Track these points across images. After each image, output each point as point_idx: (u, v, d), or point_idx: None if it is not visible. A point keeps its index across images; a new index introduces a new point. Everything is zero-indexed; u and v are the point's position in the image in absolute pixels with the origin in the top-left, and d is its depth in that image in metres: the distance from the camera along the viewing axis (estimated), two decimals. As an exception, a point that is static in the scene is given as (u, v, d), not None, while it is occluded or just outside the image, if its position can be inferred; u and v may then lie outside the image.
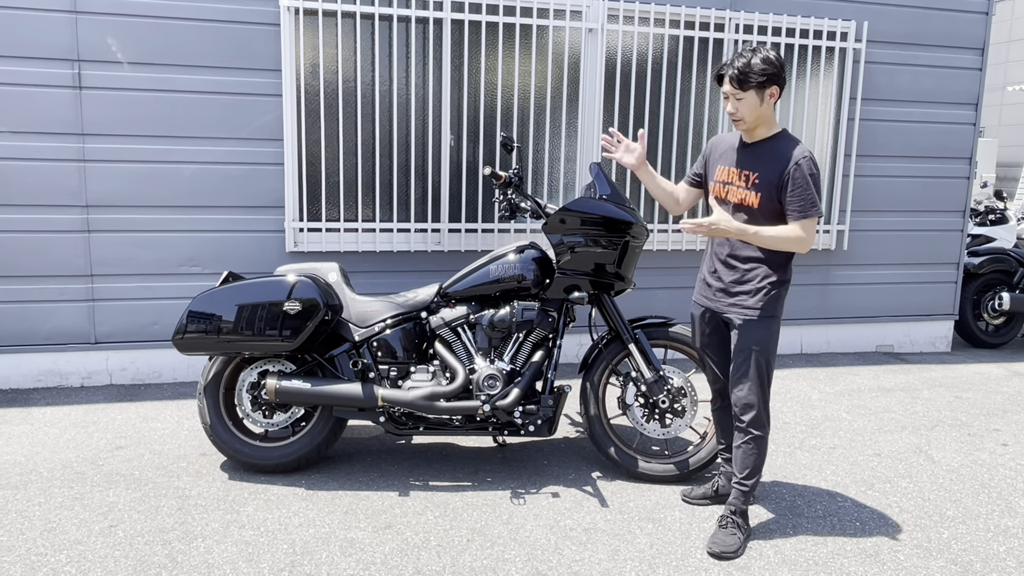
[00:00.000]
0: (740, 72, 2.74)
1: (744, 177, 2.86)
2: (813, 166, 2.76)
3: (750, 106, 2.78)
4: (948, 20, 5.66)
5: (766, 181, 2.80)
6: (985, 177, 12.30)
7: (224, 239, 4.68)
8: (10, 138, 4.33)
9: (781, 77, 2.78)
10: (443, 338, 3.44)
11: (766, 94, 2.77)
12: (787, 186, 2.76)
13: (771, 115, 2.84)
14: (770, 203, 2.81)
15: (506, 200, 3.51)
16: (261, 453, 3.41)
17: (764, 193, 2.80)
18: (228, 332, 3.24)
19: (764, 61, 2.73)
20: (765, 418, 2.90)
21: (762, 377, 2.87)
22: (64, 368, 4.60)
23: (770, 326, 2.87)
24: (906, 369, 5.51)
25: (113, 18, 4.36)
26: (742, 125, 2.84)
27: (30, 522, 2.96)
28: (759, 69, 2.72)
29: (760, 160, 2.83)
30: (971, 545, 2.99)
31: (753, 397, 2.87)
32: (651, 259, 5.31)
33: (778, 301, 2.88)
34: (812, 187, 2.74)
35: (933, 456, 3.88)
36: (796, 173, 2.74)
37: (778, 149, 2.81)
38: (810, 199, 2.74)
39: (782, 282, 2.88)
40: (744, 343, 2.87)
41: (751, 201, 2.84)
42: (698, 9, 5.17)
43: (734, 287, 2.91)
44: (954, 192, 5.91)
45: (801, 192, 2.74)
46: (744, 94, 2.76)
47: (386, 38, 4.77)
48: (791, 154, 2.77)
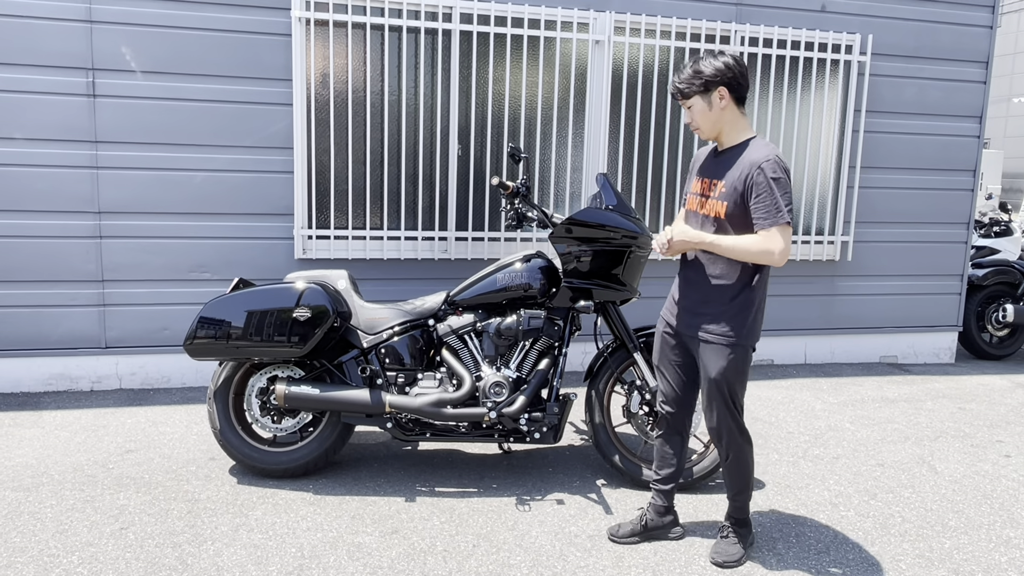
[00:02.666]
0: (676, 83, 2.73)
1: (712, 186, 2.73)
2: (779, 170, 2.58)
3: (700, 112, 2.70)
4: (953, 33, 5.70)
5: (731, 188, 2.65)
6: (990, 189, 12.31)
7: (234, 246, 4.73)
8: (25, 145, 4.39)
9: (727, 79, 2.64)
10: (450, 345, 3.48)
11: (713, 97, 2.66)
12: (751, 192, 2.60)
13: (735, 121, 2.71)
14: (735, 211, 2.65)
15: (513, 209, 3.56)
16: (270, 458, 3.45)
17: (729, 201, 2.66)
18: (238, 338, 3.28)
19: (698, 68, 2.66)
20: (741, 438, 2.80)
21: (727, 403, 2.74)
22: (75, 372, 4.65)
23: (736, 353, 2.69)
24: (910, 380, 5.53)
25: (127, 28, 4.43)
26: (701, 133, 2.75)
27: (42, 524, 3.00)
28: (691, 75, 2.67)
29: (725, 167, 2.70)
30: (973, 555, 3.01)
31: (724, 423, 2.77)
32: (656, 269, 5.35)
33: (744, 326, 2.68)
34: (776, 192, 2.56)
35: (936, 467, 3.90)
36: (758, 177, 2.57)
37: (743, 155, 2.67)
38: (773, 205, 2.56)
39: (749, 303, 2.68)
40: (709, 371, 2.73)
41: (718, 211, 2.70)
42: (704, 22, 5.22)
43: (698, 307, 2.76)
44: (958, 204, 5.94)
45: (764, 198, 2.57)
46: (689, 101, 2.71)
47: (395, 49, 4.83)
48: (754, 158, 2.62)
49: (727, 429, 2.78)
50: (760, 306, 2.73)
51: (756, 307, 2.71)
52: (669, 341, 2.92)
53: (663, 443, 3.01)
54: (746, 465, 2.85)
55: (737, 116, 2.71)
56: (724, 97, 2.67)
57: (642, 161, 5.32)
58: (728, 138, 2.75)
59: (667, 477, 3.01)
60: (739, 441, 2.81)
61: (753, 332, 2.73)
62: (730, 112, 2.70)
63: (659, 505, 3.02)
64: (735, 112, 2.71)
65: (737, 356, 2.70)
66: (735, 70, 2.66)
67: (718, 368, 2.71)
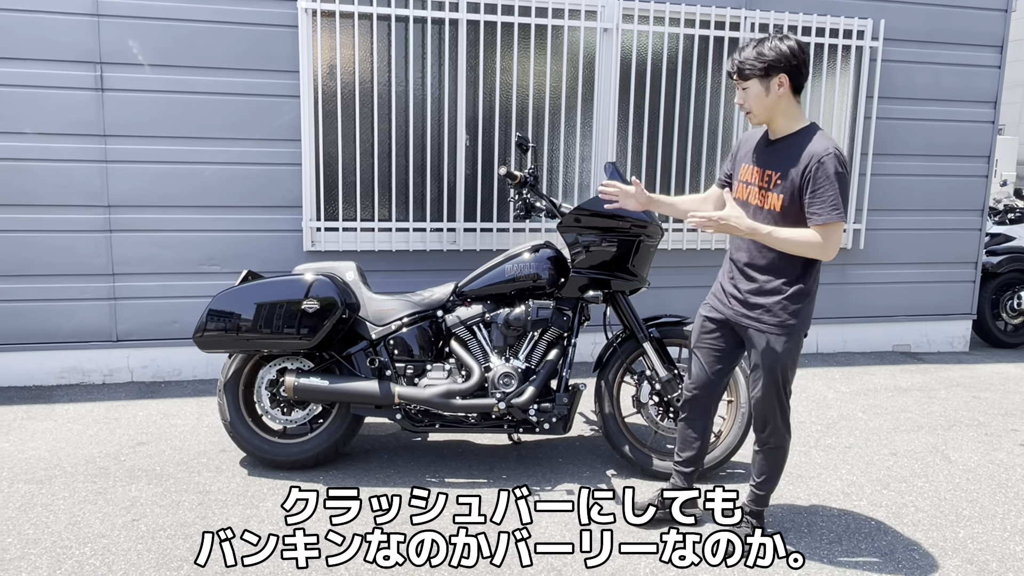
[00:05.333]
0: (738, 63, 2.63)
1: (766, 177, 2.65)
2: (839, 164, 2.51)
3: (755, 96, 2.62)
4: (967, 17, 5.62)
5: (789, 181, 2.58)
6: (1005, 175, 12.17)
7: (243, 238, 4.74)
8: (34, 139, 4.41)
9: (790, 66, 2.56)
10: (459, 336, 3.47)
11: (772, 83, 2.58)
12: (808, 186, 2.53)
13: (790, 108, 2.63)
14: (793, 206, 2.58)
15: (521, 200, 3.54)
16: (280, 449, 3.46)
17: (787, 195, 2.58)
18: (247, 330, 3.28)
19: (761, 51, 2.57)
20: (784, 430, 2.79)
21: (779, 391, 2.73)
22: (86, 365, 4.68)
23: (791, 342, 2.67)
24: (923, 369, 5.49)
25: (134, 21, 4.43)
26: (752, 118, 2.68)
27: (55, 516, 3.02)
28: (754, 57, 2.58)
29: (782, 158, 2.62)
30: (987, 544, 2.98)
31: (772, 411, 2.75)
32: (666, 258, 5.32)
33: (799, 315, 2.66)
34: (836, 188, 2.49)
35: (950, 456, 3.87)
36: (819, 172, 2.50)
37: (801, 145, 2.58)
38: (832, 202, 2.49)
39: (804, 294, 2.66)
40: (762, 359, 2.70)
41: (773, 204, 2.62)
42: (713, 8, 5.17)
43: (752, 298, 2.71)
44: (972, 191, 5.87)
45: (823, 193, 2.50)
46: (746, 83, 2.62)
47: (402, 39, 4.81)
48: (814, 150, 2.54)
49: (773, 416, 2.76)
50: (813, 296, 2.71)
51: (811, 297, 2.70)
52: (709, 327, 2.90)
53: (685, 426, 3.02)
54: (783, 455, 2.85)
55: (793, 104, 2.63)
56: (783, 84, 2.59)
57: (651, 150, 5.28)
58: (781, 126, 2.67)
59: (688, 460, 3.03)
60: (782, 430, 2.80)
61: (807, 320, 2.71)
62: (786, 100, 2.62)
63: (680, 487, 3.04)
64: (791, 100, 2.62)
65: (792, 344, 2.68)
66: (799, 57, 2.58)
67: (773, 356, 2.68)
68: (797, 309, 2.65)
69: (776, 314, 2.66)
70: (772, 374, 2.70)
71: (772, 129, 2.70)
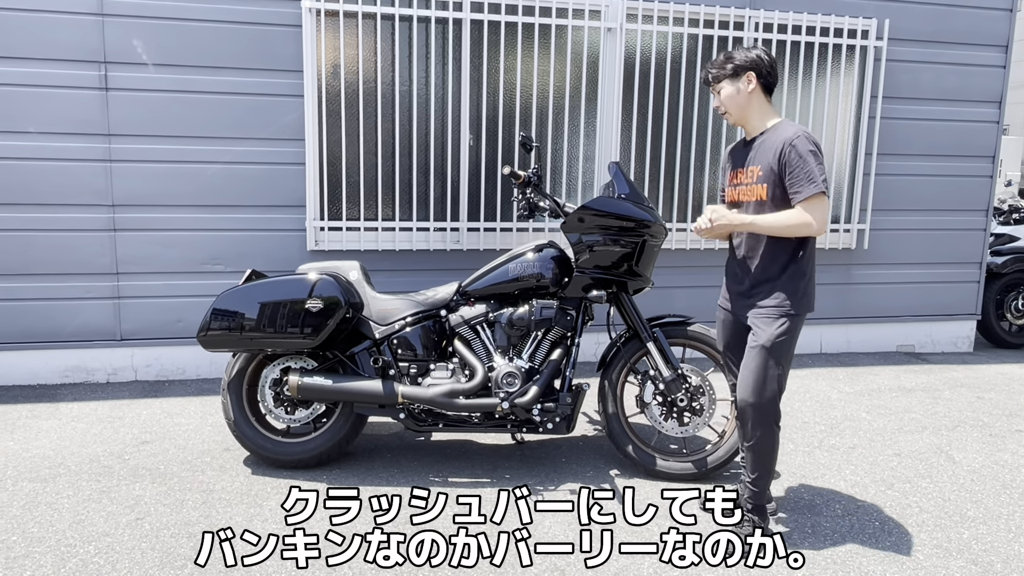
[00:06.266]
0: (709, 69, 2.89)
1: (750, 174, 2.85)
2: (809, 143, 2.69)
3: (728, 96, 2.84)
4: (971, 17, 5.60)
5: (767, 170, 2.77)
6: (1009, 175, 12.14)
7: (246, 238, 4.74)
8: (38, 138, 4.42)
9: (757, 67, 2.79)
10: (462, 336, 3.47)
11: (741, 81, 2.80)
12: (785, 169, 2.72)
13: (762, 107, 2.84)
14: (778, 192, 2.76)
15: (525, 199, 3.54)
16: (283, 449, 3.47)
17: (770, 184, 2.77)
18: (251, 329, 3.29)
19: (730, 55, 2.83)
20: (771, 417, 2.78)
21: (770, 375, 2.74)
22: (90, 364, 4.69)
23: (786, 323, 2.75)
24: (927, 369, 5.47)
25: (138, 21, 4.44)
26: (729, 118, 2.90)
27: (59, 514, 3.03)
28: (723, 60, 2.83)
29: (759, 153, 2.83)
30: (992, 546, 2.98)
31: (759, 397, 2.75)
32: (669, 258, 5.31)
33: (795, 296, 2.76)
34: (809, 163, 2.67)
35: (954, 456, 3.86)
36: (791, 153, 2.69)
37: (774, 138, 2.79)
38: (808, 176, 2.67)
39: (800, 275, 2.78)
40: (757, 339, 2.77)
41: (760, 195, 2.81)
42: (717, 8, 5.16)
43: (751, 289, 2.86)
44: (977, 191, 5.86)
45: (798, 171, 2.68)
46: (719, 85, 2.86)
47: (406, 39, 4.81)
48: (784, 136, 2.74)
49: (760, 403, 2.76)
50: (811, 276, 2.82)
51: (807, 277, 2.80)
52: (729, 328, 3.03)
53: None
54: (772, 448, 2.84)
55: (764, 103, 2.85)
56: (752, 82, 2.81)
57: (655, 150, 5.28)
58: (755, 125, 2.87)
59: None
60: (768, 420, 2.79)
61: (804, 302, 2.79)
62: (757, 98, 2.83)
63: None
64: (762, 99, 2.84)
65: (787, 324, 2.76)
66: (766, 59, 2.82)
67: (766, 335, 2.75)
68: (793, 290, 2.77)
69: (773, 297, 2.79)
70: (762, 354, 2.75)
71: (747, 130, 2.92)
